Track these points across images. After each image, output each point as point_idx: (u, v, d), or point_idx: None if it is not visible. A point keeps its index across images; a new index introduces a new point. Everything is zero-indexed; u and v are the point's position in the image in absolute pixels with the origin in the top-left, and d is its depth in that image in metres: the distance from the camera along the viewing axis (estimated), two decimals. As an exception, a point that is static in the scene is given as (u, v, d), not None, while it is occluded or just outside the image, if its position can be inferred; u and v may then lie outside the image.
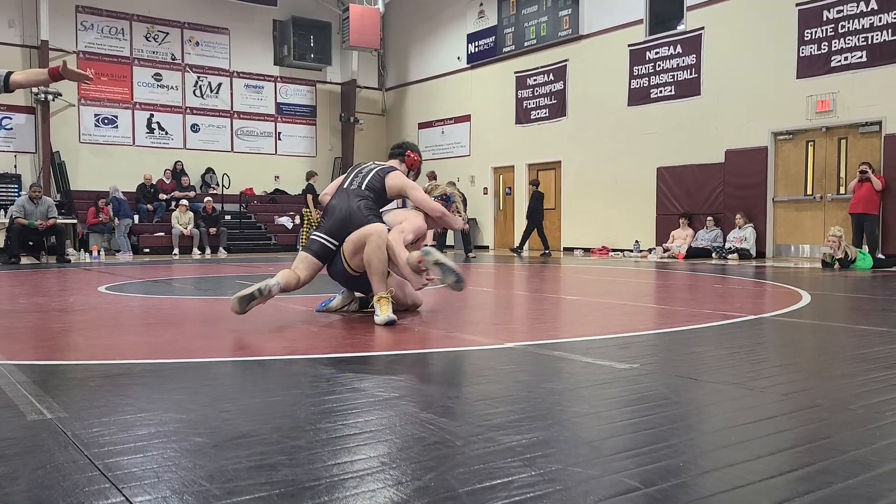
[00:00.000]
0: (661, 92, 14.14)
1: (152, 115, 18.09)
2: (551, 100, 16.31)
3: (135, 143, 17.86)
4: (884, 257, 10.32)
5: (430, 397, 2.36)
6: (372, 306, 4.29)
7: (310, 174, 15.44)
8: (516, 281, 8.42)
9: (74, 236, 15.15)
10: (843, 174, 11.85)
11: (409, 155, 4.97)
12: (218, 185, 17.98)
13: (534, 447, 1.81)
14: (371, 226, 4.29)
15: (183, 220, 15.25)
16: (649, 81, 14.32)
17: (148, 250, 15.17)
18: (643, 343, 3.61)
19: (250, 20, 19.20)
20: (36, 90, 16.39)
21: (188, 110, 18.58)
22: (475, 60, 18.15)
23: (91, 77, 4.42)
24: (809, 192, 12.31)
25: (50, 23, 16.54)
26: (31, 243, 12.10)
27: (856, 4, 11.45)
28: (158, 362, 3.04)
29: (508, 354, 3.24)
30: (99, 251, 13.83)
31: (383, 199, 4.65)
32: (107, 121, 17.53)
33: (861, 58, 11.38)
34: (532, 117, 16.80)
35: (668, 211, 14.03)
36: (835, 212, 11.85)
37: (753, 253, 12.42)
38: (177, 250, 14.86)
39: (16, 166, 16.45)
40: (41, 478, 1.59)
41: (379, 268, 4.21)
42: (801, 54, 12.04)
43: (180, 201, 15.71)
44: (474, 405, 2.28)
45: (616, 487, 1.53)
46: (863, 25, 11.37)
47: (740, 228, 12.63)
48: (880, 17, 11.18)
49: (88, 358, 3.18)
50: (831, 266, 9.84)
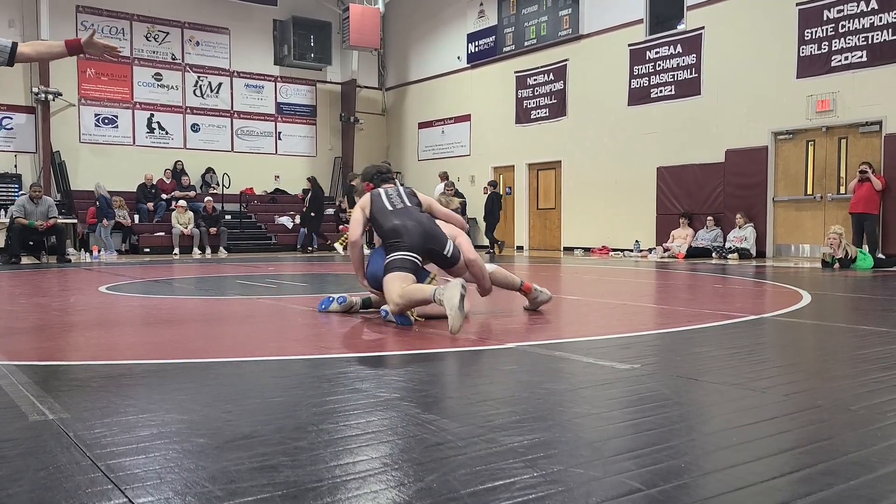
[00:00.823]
0: (661, 91, 14.13)
1: (152, 115, 18.08)
2: (551, 99, 16.31)
3: (135, 143, 17.85)
4: (884, 257, 10.32)
5: (431, 398, 2.36)
6: (371, 307, 4.60)
7: (352, 176, 15.06)
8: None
9: (75, 236, 15.15)
10: (843, 174, 11.85)
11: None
12: (218, 184, 17.97)
13: (535, 448, 1.81)
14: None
15: (183, 219, 15.25)
16: (649, 81, 14.32)
17: (148, 250, 15.17)
18: (644, 343, 3.61)
19: (250, 20, 19.19)
20: (35, 89, 16.39)
21: (188, 110, 18.57)
22: (475, 60, 18.14)
23: (119, 49, 3.90)
24: (809, 191, 12.31)
25: (50, 22, 16.52)
26: (31, 243, 12.11)
27: (856, 4, 11.44)
28: (160, 363, 3.05)
29: (509, 355, 3.24)
30: (99, 251, 13.83)
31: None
32: (107, 120, 17.52)
33: (861, 57, 11.38)
34: (532, 117, 16.80)
35: (668, 210, 14.03)
36: (835, 212, 11.85)
37: (753, 253, 12.42)
38: (177, 250, 14.86)
39: (16, 166, 16.44)
40: (43, 479, 1.60)
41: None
42: (802, 54, 12.04)
43: (178, 201, 15.71)
44: (476, 406, 2.28)
45: (618, 489, 1.54)
46: (863, 25, 11.36)
47: (740, 228, 12.63)
48: (880, 17, 11.18)
49: (90, 358, 3.18)
50: (831, 266, 9.84)
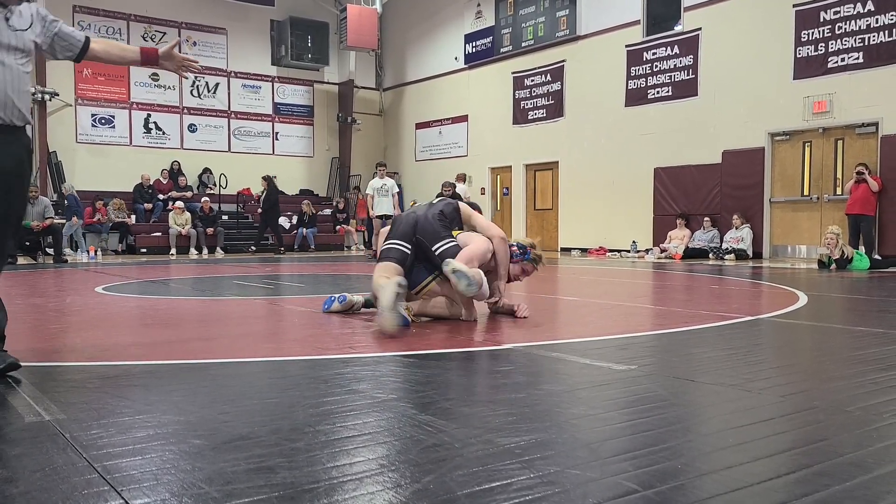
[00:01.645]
0: (658, 92, 14.15)
1: (149, 115, 18.06)
2: (549, 100, 16.32)
3: (132, 143, 17.82)
4: (880, 258, 10.35)
5: (428, 399, 2.36)
6: (373, 307, 4.33)
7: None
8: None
9: (71, 236, 15.10)
10: (839, 175, 11.87)
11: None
12: (215, 185, 17.96)
13: (532, 449, 1.81)
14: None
15: (180, 220, 15.23)
16: (646, 82, 14.34)
17: (145, 250, 15.15)
18: (641, 344, 3.62)
19: (247, 20, 19.18)
20: (32, 89, 16.34)
21: (185, 110, 18.55)
22: (473, 61, 18.15)
23: (197, 63, 3.43)
24: (806, 192, 12.33)
25: (47, 22, 16.48)
26: (27, 243, 12.08)
27: (853, 6, 11.47)
28: (156, 364, 3.04)
29: (506, 356, 3.24)
30: (96, 251, 13.81)
31: (456, 216, 4.60)
32: (104, 121, 17.49)
33: (858, 59, 11.40)
34: (529, 118, 16.81)
35: (665, 211, 14.04)
36: (831, 213, 11.87)
37: (750, 253, 12.44)
38: (174, 250, 14.84)
39: (12, 166, 16.40)
40: (40, 480, 1.59)
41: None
42: (799, 55, 12.06)
43: (175, 202, 15.68)
44: (473, 407, 2.28)
45: (614, 490, 1.54)
46: (860, 27, 11.39)
47: (737, 229, 12.65)
48: (877, 19, 11.20)
49: (86, 359, 3.17)
50: (828, 267, 9.85)
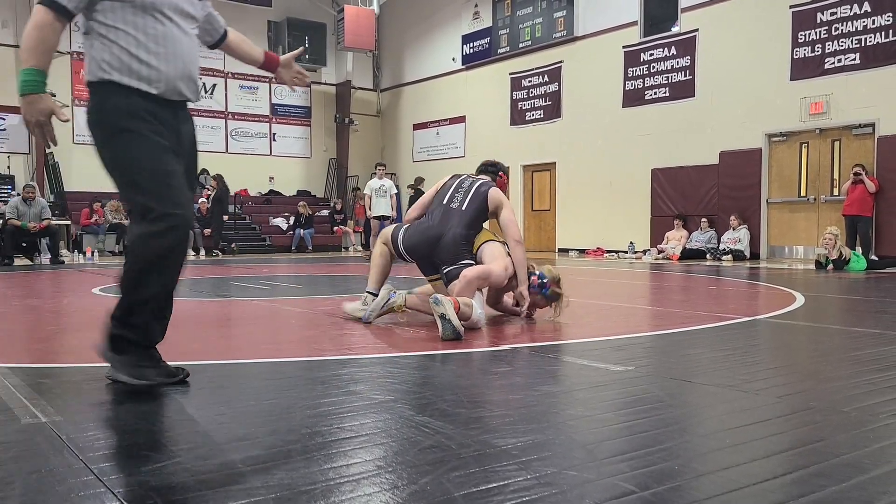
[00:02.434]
0: (655, 93, 14.16)
1: (146, 116, 18.02)
2: (546, 101, 16.33)
3: (129, 144, 17.78)
4: (877, 259, 10.37)
5: (425, 400, 2.36)
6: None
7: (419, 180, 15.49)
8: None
9: (68, 237, 15.10)
10: (836, 176, 11.89)
11: (500, 176, 4.64)
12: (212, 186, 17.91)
13: (529, 450, 1.81)
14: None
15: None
16: (644, 83, 14.35)
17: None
18: (638, 345, 3.62)
19: (245, 21, 19.11)
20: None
21: (182, 111, 18.52)
22: (470, 61, 18.15)
23: (308, 77, 3.21)
24: (803, 193, 12.35)
25: (43, 23, 16.46)
26: (24, 245, 12.05)
27: (849, 7, 11.49)
28: (153, 365, 3.03)
29: (504, 357, 3.24)
30: (93, 252, 13.78)
31: (484, 215, 4.41)
32: (101, 121, 17.45)
33: (854, 60, 11.42)
34: (527, 118, 16.81)
35: (662, 212, 14.06)
36: (828, 213, 11.89)
37: (747, 254, 12.46)
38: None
39: (9, 167, 16.38)
40: (36, 482, 1.59)
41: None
42: (795, 56, 12.09)
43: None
44: (470, 408, 2.28)
45: (611, 491, 1.54)
46: (856, 28, 11.41)
47: (734, 230, 12.67)
48: (874, 20, 11.22)
49: (83, 361, 3.16)
50: (825, 267, 9.87)
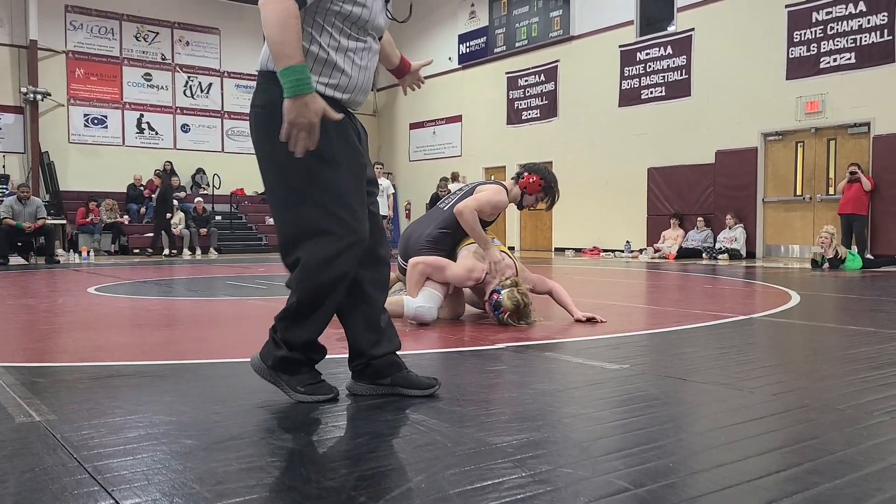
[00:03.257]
0: (651, 93, 14.18)
1: (142, 115, 18.01)
2: (542, 100, 16.34)
3: (124, 144, 17.78)
4: (873, 258, 10.39)
5: (420, 398, 2.36)
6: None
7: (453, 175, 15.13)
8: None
9: (63, 237, 15.06)
10: (832, 175, 11.92)
11: (524, 176, 4.50)
12: (208, 185, 17.91)
13: (524, 448, 1.81)
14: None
15: (174, 220, 15.17)
16: (640, 82, 14.36)
17: (138, 251, 15.10)
18: (634, 343, 3.62)
19: (241, 20, 19.13)
20: (24, 89, 16.27)
21: (178, 110, 18.50)
22: (467, 61, 18.15)
23: (423, 85, 3.06)
24: (799, 192, 12.38)
25: (39, 22, 16.44)
26: (19, 244, 12.02)
27: (845, 6, 11.52)
28: (148, 364, 3.03)
29: (499, 355, 3.24)
30: (88, 252, 13.76)
31: (453, 236, 4.42)
32: (96, 121, 17.44)
33: (850, 59, 11.45)
34: (523, 118, 16.82)
35: (658, 211, 14.08)
36: (824, 212, 11.92)
37: (743, 253, 12.48)
38: (167, 251, 14.79)
39: (4, 166, 16.35)
40: (30, 481, 1.58)
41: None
42: (791, 55, 12.11)
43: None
44: (465, 406, 2.28)
45: (606, 488, 1.54)
46: (851, 27, 11.44)
47: (730, 229, 12.69)
48: (869, 19, 11.25)
49: (78, 360, 3.16)
50: (820, 266, 9.89)
